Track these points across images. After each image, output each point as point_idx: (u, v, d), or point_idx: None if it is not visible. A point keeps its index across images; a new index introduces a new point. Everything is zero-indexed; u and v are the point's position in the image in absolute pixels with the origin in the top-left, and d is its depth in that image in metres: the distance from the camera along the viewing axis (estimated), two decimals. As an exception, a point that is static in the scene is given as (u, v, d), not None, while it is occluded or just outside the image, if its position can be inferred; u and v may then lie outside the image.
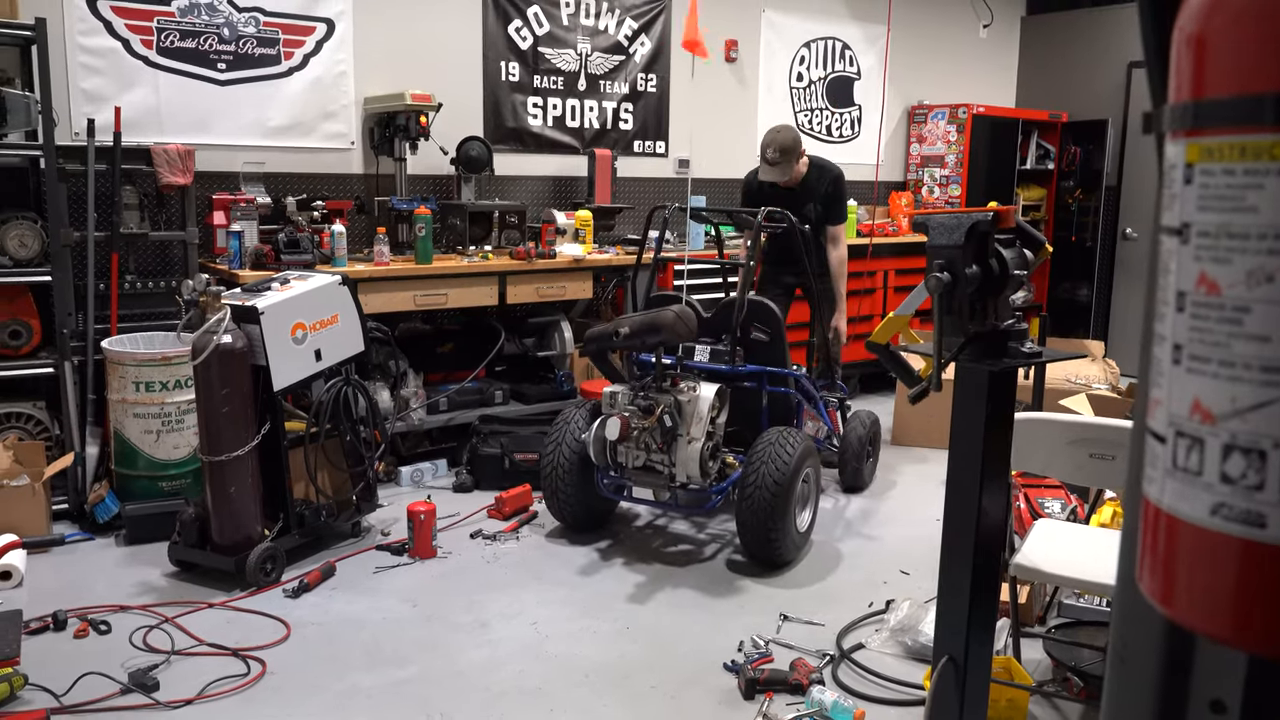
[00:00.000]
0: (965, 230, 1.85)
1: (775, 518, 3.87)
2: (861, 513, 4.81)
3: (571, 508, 4.27)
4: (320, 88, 5.31)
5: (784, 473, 3.88)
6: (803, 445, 4.02)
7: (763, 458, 3.94)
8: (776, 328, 4.37)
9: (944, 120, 7.86)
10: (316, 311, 3.99)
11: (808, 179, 5.18)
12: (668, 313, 3.87)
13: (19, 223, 4.20)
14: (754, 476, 3.90)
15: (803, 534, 4.16)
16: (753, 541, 3.97)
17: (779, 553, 3.97)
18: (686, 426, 3.95)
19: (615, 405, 4.04)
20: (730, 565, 4.10)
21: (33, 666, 3.02)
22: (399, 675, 3.18)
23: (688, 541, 4.36)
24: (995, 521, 2.07)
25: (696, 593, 3.83)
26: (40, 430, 4.38)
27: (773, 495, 3.85)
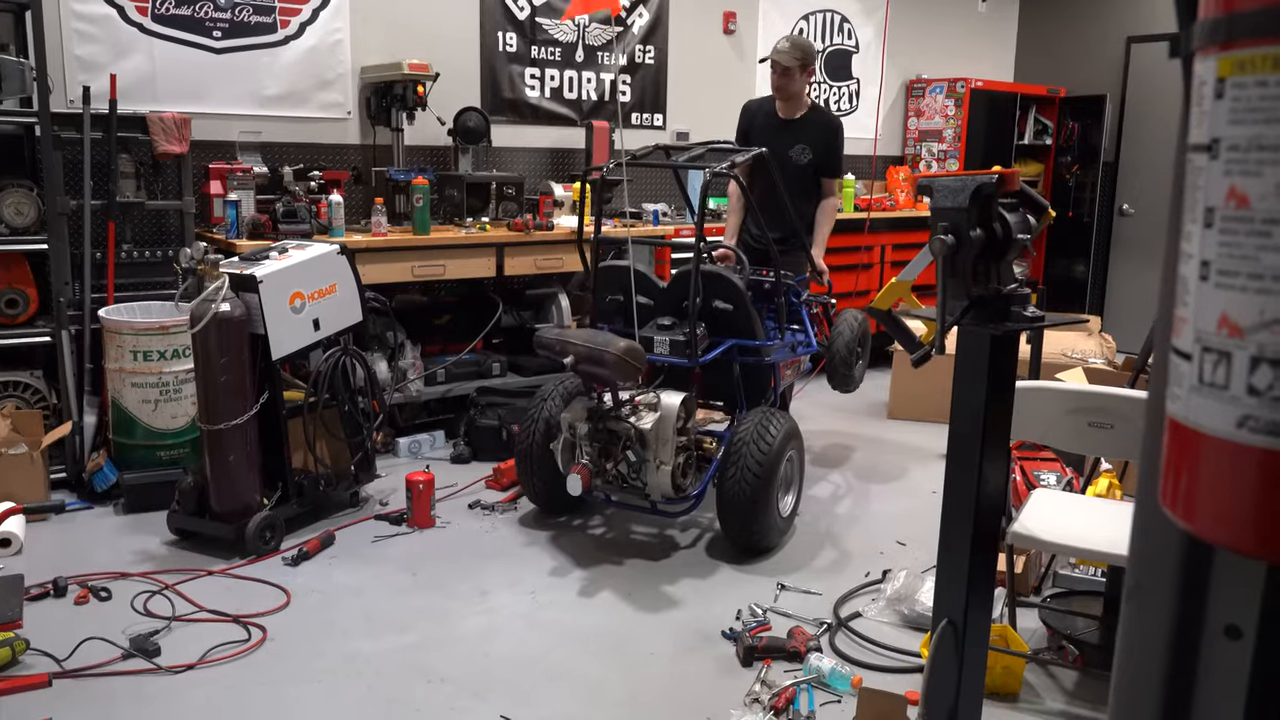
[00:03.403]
0: (970, 193, 1.85)
1: (757, 506, 3.74)
2: (858, 485, 4.83)
3: (547, 491, 4.13)
4: (316, 56, 5.27)
5: (765, 458, 3.73)
6: (785, 427, 3.86)
7: (743, 444, 3.76)
8: (738, 296, 4.04)
9: (942, 94, 7.84)
10: (315, 281, 3.98)
11: (808, 116, 4.80)
12: (612, 352, 3.55)
13: (15, 190, 4.18)
14: (734, 468, 3.73)
15: (786, 518, 4.02)
16: (734, 530, 3.85)
17: (761, 540, 3.85)
18: (654, 452, 3.72)
19: (575, 437, 3.75)
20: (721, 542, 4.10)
21: (34, 632, 3.02)
22: (398, 642, 3.20)
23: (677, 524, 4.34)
24: (996, 485, 2.08)
25: (693, 565, 3.84)
26: (38, 399, 4.37)
27: (753, 485, 3.71)
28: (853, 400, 6.32)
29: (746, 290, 4.07)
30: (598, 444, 3.74)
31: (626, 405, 3.74)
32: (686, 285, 3.91)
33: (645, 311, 4.11)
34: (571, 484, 3.63)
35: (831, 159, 4.81)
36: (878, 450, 5.39)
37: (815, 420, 5.82)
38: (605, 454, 3.75)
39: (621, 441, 3.72)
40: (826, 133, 4.77)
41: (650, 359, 3.94)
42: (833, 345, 4.71)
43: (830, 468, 5.07)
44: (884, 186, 7.62)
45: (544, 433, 4.02)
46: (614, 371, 3.58)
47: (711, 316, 4.06)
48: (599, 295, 4.29)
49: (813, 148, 4.72)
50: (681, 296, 3.98)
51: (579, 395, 3.93)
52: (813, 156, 4.73)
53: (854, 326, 4.77)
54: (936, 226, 1.83)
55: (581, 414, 3.76)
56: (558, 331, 3.78)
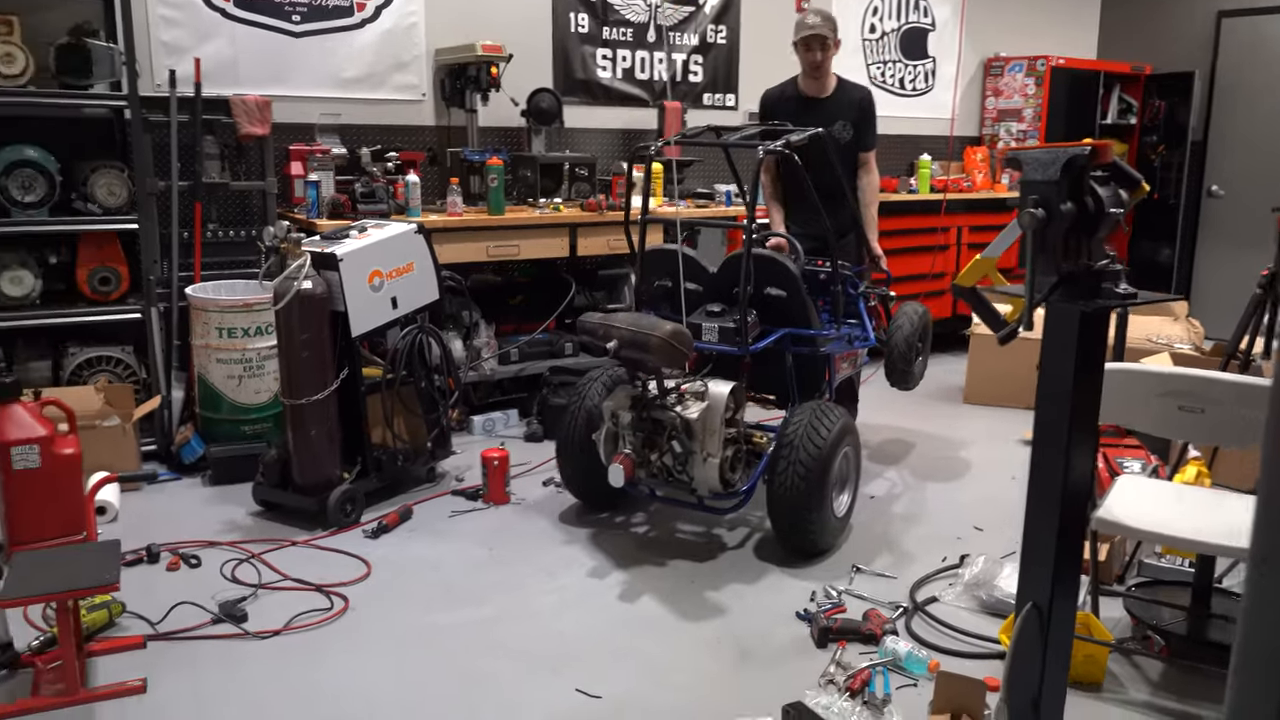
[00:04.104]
0: (1061, 165, 1.80)
1: (810, 505, 3.53)
2: (933, 470, 4.76)
3: (588, 484, 3.97)
4: (392, 39, 5.33)
5: (818, 454, 3.52)
6: (840, 422, 3.63)
7: (795, 438, 3.56)
8: (792, 282, 3.84)
9: (1021, 73, 7.65)
10: (393, 259, 4.04)
11: (839, 91, 4.62)
12: (657, 336, 3.35)
13: (107, 171, 4.31)
14: (785, 464, 3.53)
15: (841, 518, 3.80)
16: (785, 530, 3.64)
17: (814, 541, 3.64)
18: (700, 443, 3.53)
19: (617, 426, 3.59)
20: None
21: (129, 596, 3.14)
22: (475, 615, 3.25)
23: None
24: (1083, 468, 2.03)
25: (764, 549, 3.82)
26: (129, 374, 4.52)
27: (806, 482, 3.50)
28: (927, 385, 6.22)
29: (800, 276, 3.89)
30: (641, 434, 3.57)
31: (672, 394, 3.58)
32: (737, 270, 3.72)
33: (694, 298, 3.94)
34: (613, 474, 3.48)
35: (870, 132, 4.67)
36: (954, 435, 5.31)
37: (887, 407, 5.75)
38: (649, 444, 3.58)
39: (666, 432, 3.55)
40: (863, 105, 4.62)
41: (698, 347, 3.74)
42: (891, 339, 4.51)
43: (904, 453, 5.01)
44: (961, 167, 7.48)
45: (585, 423, 3.86)
46: (658, 357, 3.40)
47: (763, 304, 3.87)
48: (646, 279, 4.12)
49: (852, 122, 4.58)
50: (732, 282, 3.79)
51: (623, 383, 3.79)
52: (854, 132, 4.59)
53: (914, 320, 4.57)
54: (1026, 200, 1.79)
55: (625, 402, 3.59)
56: (601, 316, 3.59)
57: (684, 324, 3.67)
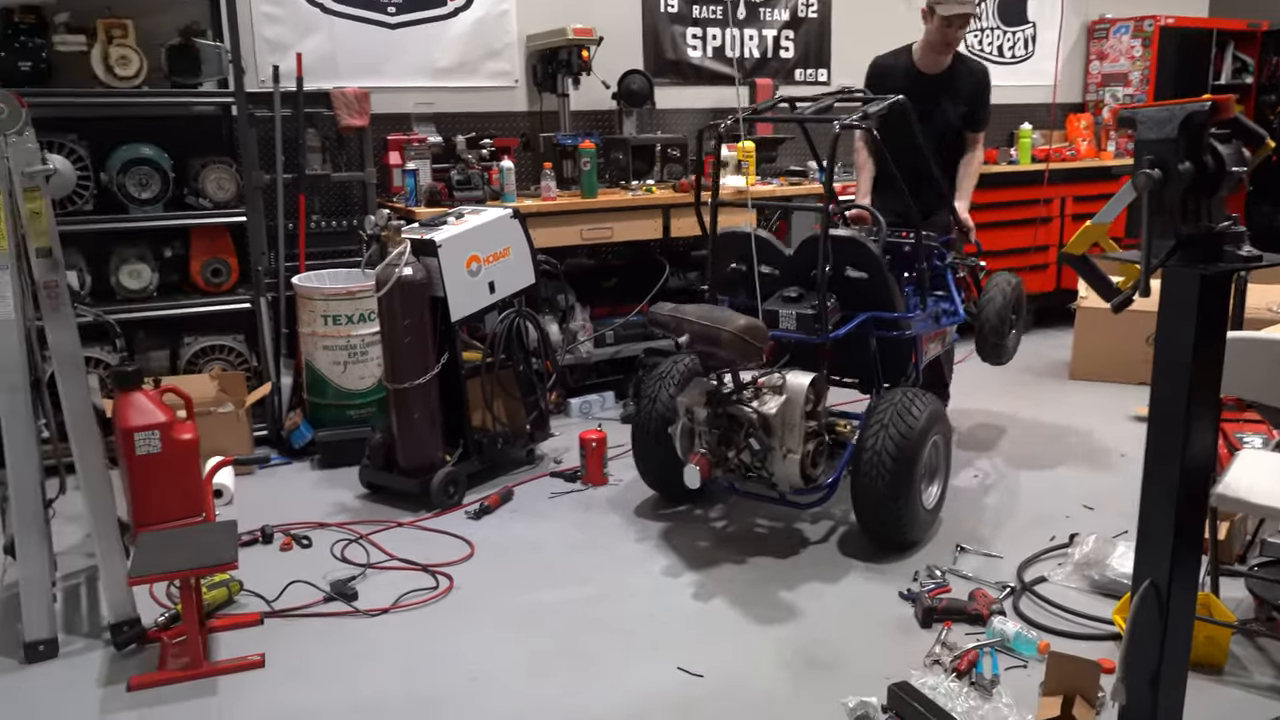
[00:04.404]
0: (1179, 123, 1.72)
1: (896, 498, 3.36)
2: (1039, 448, 4.63)
3: (665, 478, 3.82)
4: (484, 27, 5.39)
5: (906, 444, 3.34)
6: (928, 409, 3.45)
7: (880, 427, 3.39)
8: (873, 263, 3.61)
9: (1128, 34, 7.35)
10: (490, 244, 4.09)
11: (956, 67, 4.35)
12: (729, 330, 3.18)
13: (216, 167, 4.47)
14: (870, 455, 3.36)
15: (930, 510, 3.61)
16: (870, 524, 3.49)
17: (901, 534, 3.48)
18: (779, 439, 3.38)
19: (693, 423, 3.44)
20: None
21: (246, 575, 3.26)
22: (575, 594, 3.28)
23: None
24: (1204, 441, 1.95)
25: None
26: (240, 361, 4.68)
27: (892, 473, 3.33)
28: (1031, 362, 6.08)
29: (883, 255, 3.67)
30: (717, 430, 3.41)
31: (748, 388, 3.43)
32: (814, 252, 3.50)
33: (770, 282, 3.75)
34: (689, 476, 3.34)
35: (984, 112, 4.44)
36: (1060, 412, 5.15)
37: (988, 384, 5.60)
38: (726, 441, 3.43)
39: (744, 428, 3.39)
40: (981, 83, 4.38)
41: (774, 335, 3.59)
42: (982, 313, 4.31)
43: (1007, 431, 4.89)
44: (1063, 136, 7.23)
45: (661, 416, 3.75)
46: (732, 352, 3.25)
47: (844, 286, 3.65)
48: (717, 263, 3.92)
49: (963, 102, 4.34)
50: (809, 264, 3.57)
51: (697, 376, 3.63)
52: (964, 111, 4.35)
53: (1006, 292, 4.36)
54: (1141, 160, 1.72)
55: (699, 398, 3.42)
56: (672, 307, 3.43)
57: (760, 311, 3.57)
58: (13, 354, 2.82)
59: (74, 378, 2.90)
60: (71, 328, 2.89)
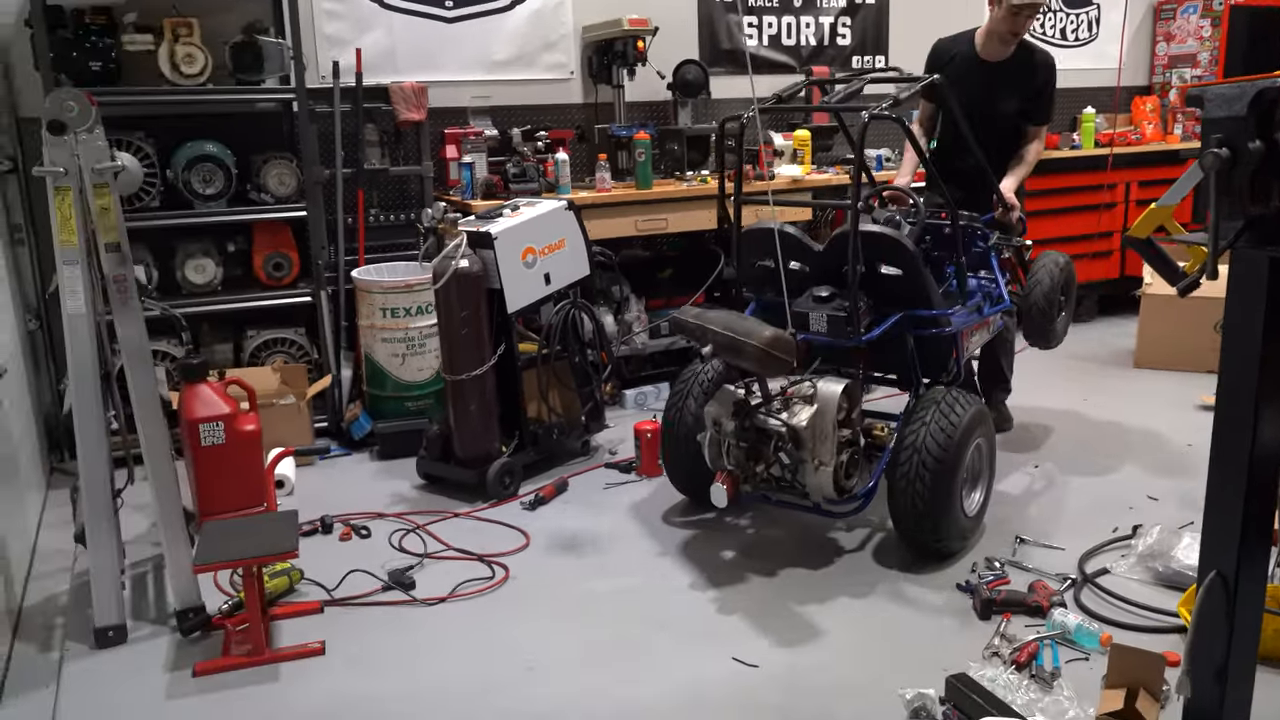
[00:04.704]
0: (1249, 100, 1.67)
1: (936, 505, 3.20)
2: (1102, 437, 4.54)
3: (693, 484, 3.73)
4: (540, 19, 5.41)
5: (946, 448, 3.18)
6: (970, 411, 3.28)
7: (919, 433, 3.22)
8: (908, 260, 3.40)
9: (1196, 14, 7.14)
10: (545, 236, 4.11)
11: (1019, 56, 4.18)
12: (754, 344, 3.03)
13: (277, 162, 4.54)
14: (908, 461, 3.21)
15: (972, 518, 3.45)
16: (908, 532, 3.32)
17: (941, 543, 3.31)
18: (811, 451, 3.23)
19: (721, 434, 3.26)
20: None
21: (307, 564, 3.31)
22: (630, 584, 3.30)
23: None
24: (1274, 430, 1.89)
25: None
26: (301, 354, 4.77)
27: (932, 480, 3.17)
28: (1094, 349, 5.97)
29: (918, 248, 3.47)
30: (745, 444, 3.25)
31: (777, 399, 3.30)
32: (845, 248, 3.31)
33: (799, 278, 3.58)
34: (716, 495, 3.23)
35: (1045, 105, 4.26)
36: (1124, 401, 5.04)
37: (1052, 372, 5.51)
38: (754, 455, 3.28)
39: (772, 441, 3.25)
40: (1044, 74, 4.20)
41: (804, 339, 3.43)
42: (1030, 295, 4.12)
43: (1070, 419, 4.79)
44: (1128, 119, 7.05)
45: (690, 423, 3.62)
46: (756, 366, 3.13)
47: (877, 283, 3.45)
48: (743, 260, 3.74)
49: (1026, 93, 4.18)
50: (840, 261, 3.36)
51: (726, 383, 3.48)
52: (1023, 103, 4.19)
53: (1054, 274, 4.15)
54: (1209, 139, 1.67)
55: (727, 409, 3.26)
56: (696, 312, 3.29)
57: (788, 315, 3.39)
58: (84, 347, 2.90)
59: (142, 370, 2.97)
60: (139, 321, 2.96)
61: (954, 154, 4.20)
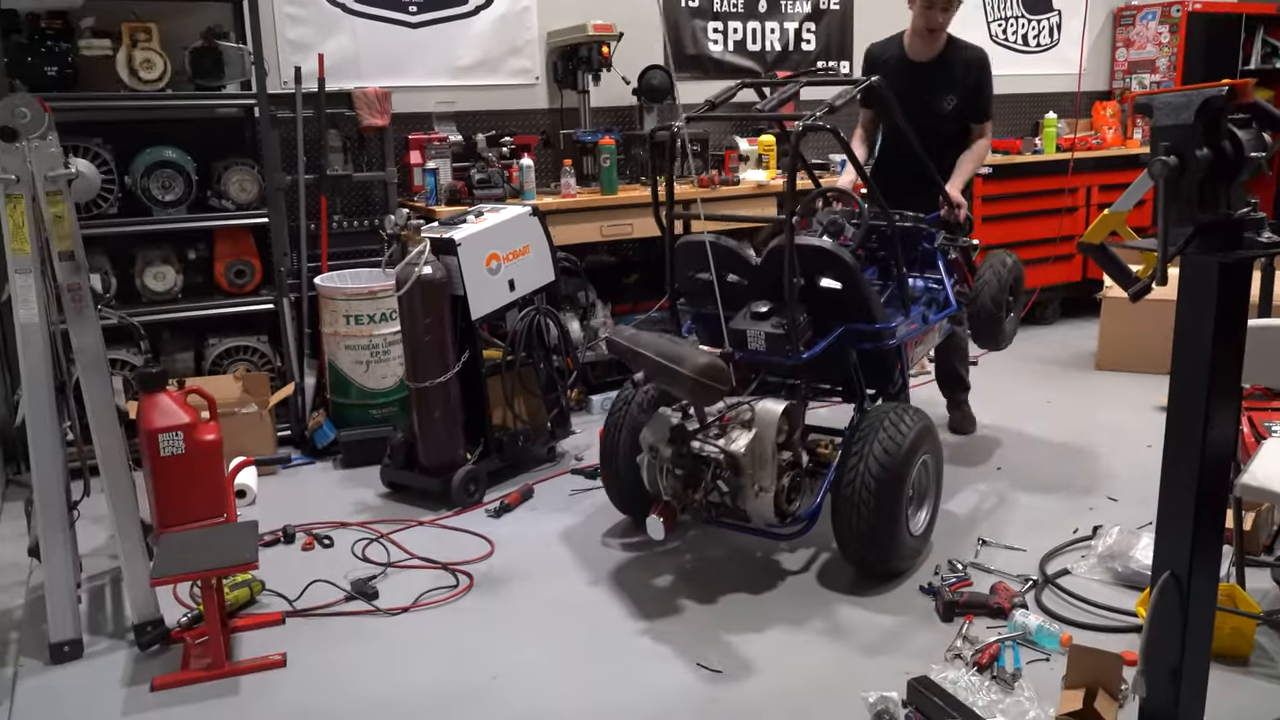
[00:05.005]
0: (1195, 108, 1.70)
1: (880, 525, 3.10)
2: (1064, 439, 4.58)
3: (634, 505, 3.59)
4: (505, 24, 5.40)
5: (889, 465, 3.08)
6: (916, 426, 3.18)
7: (862, 449, 3.13)
8: (848, 273, 3.29)
9: (1155, 20, 7.24)
10: (509, 242, 4.10)
11: (947, 57, 4.13)
12: (685, 373, 2.88)
13: (239, 168, 4.50)
14: (851, 479, 3.10)
15: (918, 537, 3.35)
16: (852, 553, 3.22)
17: (886, 564, 3.23)
18: (750, 477, 3.12)
19: (658, 459, 3.14)
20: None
21: (268, 574, 3.28)
22: (597, 590, 3.29)
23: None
24: (1224, 429, 1.92)
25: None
26: (264, 362, 4.72)
27: (875, 499, 3.07)
28: (1056, 352, 6.03)
29: (863, 252, 3.35)
30: (681, 471, 3.13)
31: (715, 423, 3.19)
32: (783, 261, 3.18)
33: (738, 291, 3.44)
34: (652, 528, 3.11)
35: (981, 102, 4.19)
36: (1086, 403, 5.10)
37: (1015, 373, 5.57)
38: (692, 482, 3.14)
39: (710, 468, 3.14)
40: (975, 71, 4.13)
41: (742, 358, 3.34)
42: (977, 297, 4.04)
43: (1032, 421, 4.83)
44: (1089, 124, 7.14)
45: (628, 445, 3.48)
46: (689, 396, 3.02)
47: (817, 297, 3.33)
48: (678, 272, 3.63)
49: (959, 92, 4.12)
50: (779, 274, 3.20)
51: (663, 405, 3.34)
52: (958, 102, 4.13)
53: (1001, 274, 4.06)
54: (1157, 147, 1.69)
55: (663, 434, 3.12)
56: (631, 334, 3.18)
57: (724, 332, 3.30)
58: (38, 357, 2.86)
59: (98, 380, 2.93)
60: (95, 330, 2.92)
61: (896, 158, 4.14)
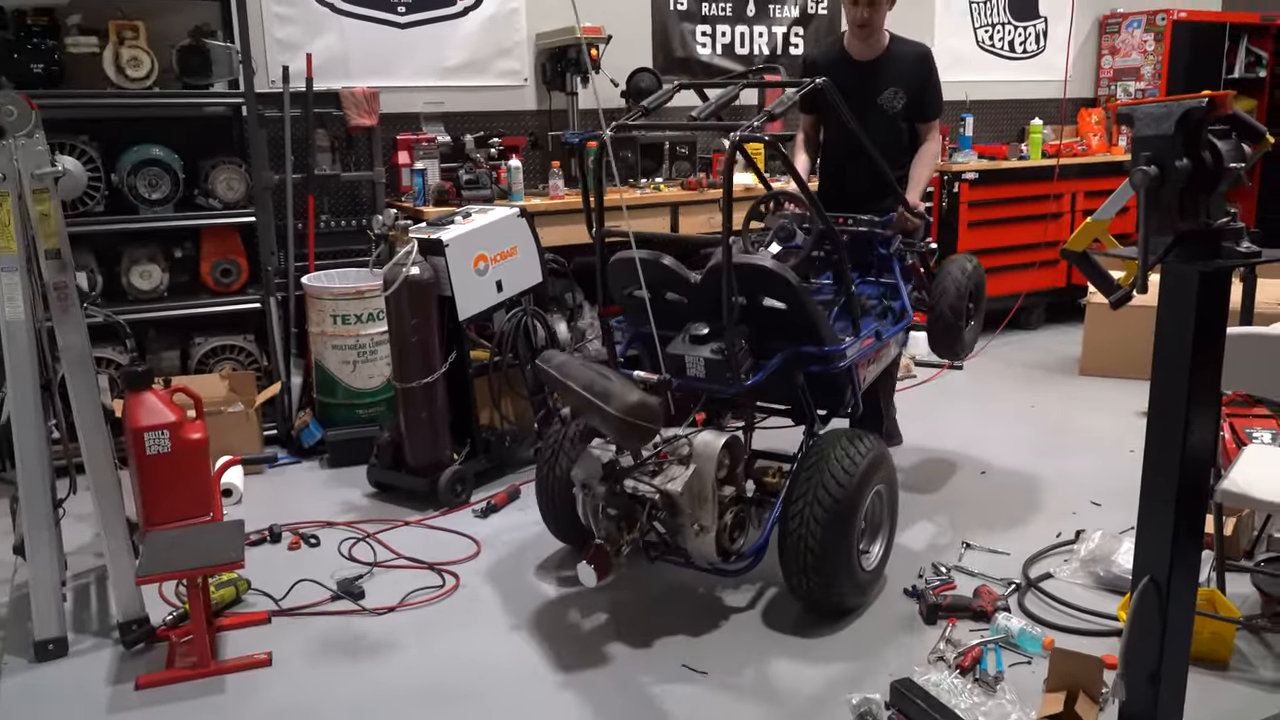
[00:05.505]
0: (1175, 119, 1.72)
1: (828, 560, 2.89)
2: (1047, 443, 4.62)
3: (574, 535, 3.37)
4: (494, 26, 5.40)
5: (840, 497, 2.88)
6: (869, 456, 2.97)
7: (810, 479, 2.92)
8: (791, 294, 3.03)
9: (1140, 29, 7.31)
10: (497, 243, 4.11)
11: (892, 51, 3.97)
12: (613, 412, 2.66)
13: (226, 167, 4.49)
14: (799, 512, 2.90)
15: (871, 572, 3.13)
16: (800, 589, 2.99)
17: (835, 601, 3.03)
18: (689, 516, 2.89)
19: (592, 497, 2.92)
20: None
21: (254, 573, 3.28)
22: (583, 592, 3.26)
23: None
24: (1204, 435, 1.95)
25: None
26: (250, 361, 4.71)
27: (824, 533, 2.86)
28: (1040, 357, 6.07)
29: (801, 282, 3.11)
30: (614, 510, 2.89)
31: (651, 459, 2.95)
32: (717, 283, 2.95)
33: (678, 310, 3.20)
34: (583, 575, 2.84)
35: (929, 98, 4.00)
36: (1069, 408, 5.14)
37: (998, 376, 5.61)
38: (626, 522, 2.90)
39: (645, 508, 2.90)
40: (918, 67, 3.96)
41: (681, 386, 3.11)
42: (936, 305, 3.86)
43: (1016, 426, 4.87)
44: (1075, 131, 7.19)
45: (564, 479, 3.25)
46: (616, 436, 2.82)
47: (761, 317, 3.11)
48: (612, 288, 3.41)
49: (905, 90, 3.93)
50: (719, 294, 2.94)
51: (595, 438, 3.12)
52: (906, 101, 3.95)
53: (960, 281, 3.88)
54: (1138, 157, 1.71)
55: (595, 469, 2.92)
56: (560, 361, 2.97)
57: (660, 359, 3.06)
58: (23, 355, 2.85)
59: (83, 378, 2.93)
60: (81, 328, 2.91)
61: (848, 164, 4.02)
